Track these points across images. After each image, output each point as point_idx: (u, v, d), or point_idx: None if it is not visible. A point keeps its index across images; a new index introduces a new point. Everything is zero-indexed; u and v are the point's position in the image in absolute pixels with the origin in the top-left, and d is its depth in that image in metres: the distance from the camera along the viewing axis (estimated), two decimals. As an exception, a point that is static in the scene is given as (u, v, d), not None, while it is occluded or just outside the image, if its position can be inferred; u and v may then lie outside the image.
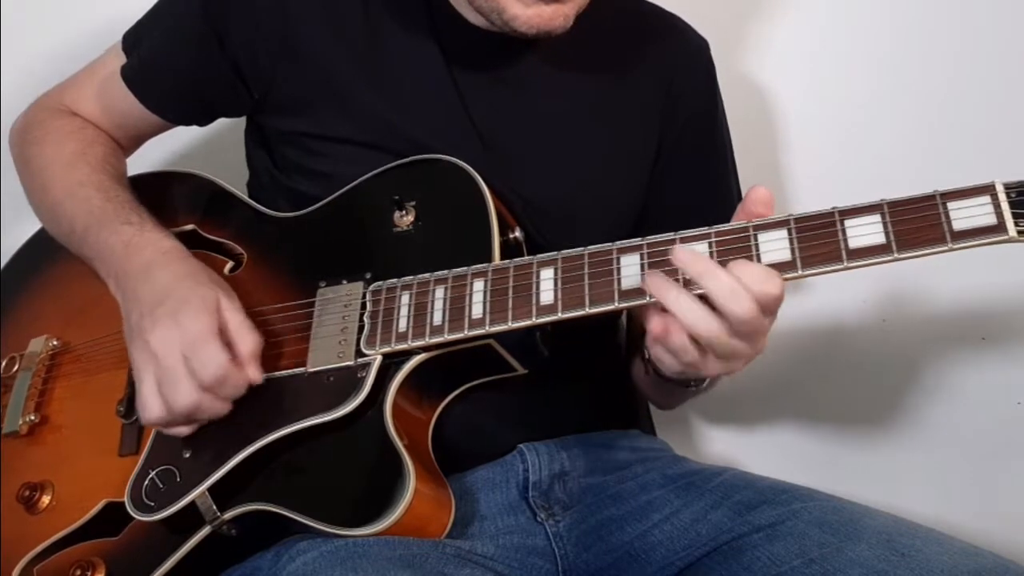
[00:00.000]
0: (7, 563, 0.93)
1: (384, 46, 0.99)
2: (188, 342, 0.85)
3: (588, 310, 0.82)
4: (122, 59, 1.05)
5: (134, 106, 1.05)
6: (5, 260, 1.13)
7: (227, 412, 0.87)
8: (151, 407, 0.86)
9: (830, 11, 1.28)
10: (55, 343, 1.04)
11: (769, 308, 0.77)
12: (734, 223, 0.80)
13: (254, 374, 0.87)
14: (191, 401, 0.85)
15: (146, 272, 0.91)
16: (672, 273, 0.79)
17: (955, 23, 1.25)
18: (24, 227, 1.12)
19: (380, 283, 0.90)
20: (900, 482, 1.27)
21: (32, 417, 1.01)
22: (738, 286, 0.75)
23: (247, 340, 0.87)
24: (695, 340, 0.78)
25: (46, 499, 0.96)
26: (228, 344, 0.86)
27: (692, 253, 0.78)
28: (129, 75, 1.04)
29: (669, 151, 1.05)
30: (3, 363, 1.05)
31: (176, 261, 0.92)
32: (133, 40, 1.06)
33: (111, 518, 0.92)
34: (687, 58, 1.07)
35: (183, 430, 0.89)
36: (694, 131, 1.06)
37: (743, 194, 0.82)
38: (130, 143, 1.11)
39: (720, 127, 1.09)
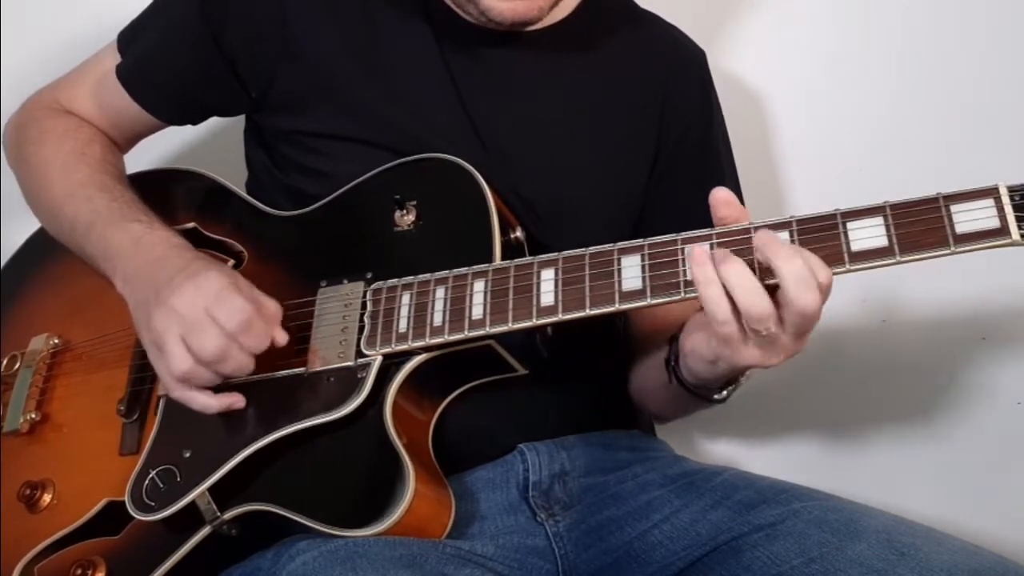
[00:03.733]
0: (8, 562, 0.93)
1: (382, 43, 0.99)
2: (210, 296, 0.85)
3: (588, 312, 0.81)
4: (117, 58, 1.05)
5: (129, 105, 1.05)
6: (5, 259, 1.13)
7: (251, 369, 0.86)
8: (177, 358, 0.85)
9: (830, 12, 1.27)
10: (56, 341, 1.04)
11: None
12: (736, 225, 0.80)
13: (279, 334, 0.87)
14: (218, 346, 0.84)
15: (160, 261, 0.91)
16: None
17: (957, 23, 1.25)
18: (24, 226, 1.12)
19: (381, 283, 0.90)
20: (900, 482, 1.27)
21: (33, 415, 1.01)
22: (809, 274, 0.74)
23: (270, 302, 0.88)
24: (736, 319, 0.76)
25: (47, 498, 0.96)
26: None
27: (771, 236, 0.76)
28: (124, 74, 1.04)
29: (666, 160, 1.05)
30: (4, 361, 1.05)
31: (189, 251, 0.93)
32: (128, 39, 1.05)
33: (112, 517, 0.92)
34: (684, 68, 1.08)
35: (213, 401, 0.87)
36: (691, 140, 1.06)
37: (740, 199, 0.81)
38: (126, 141, 1.10)
39: (717, 136, 1.09)
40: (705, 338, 0.81)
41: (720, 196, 0.80)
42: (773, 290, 0.76)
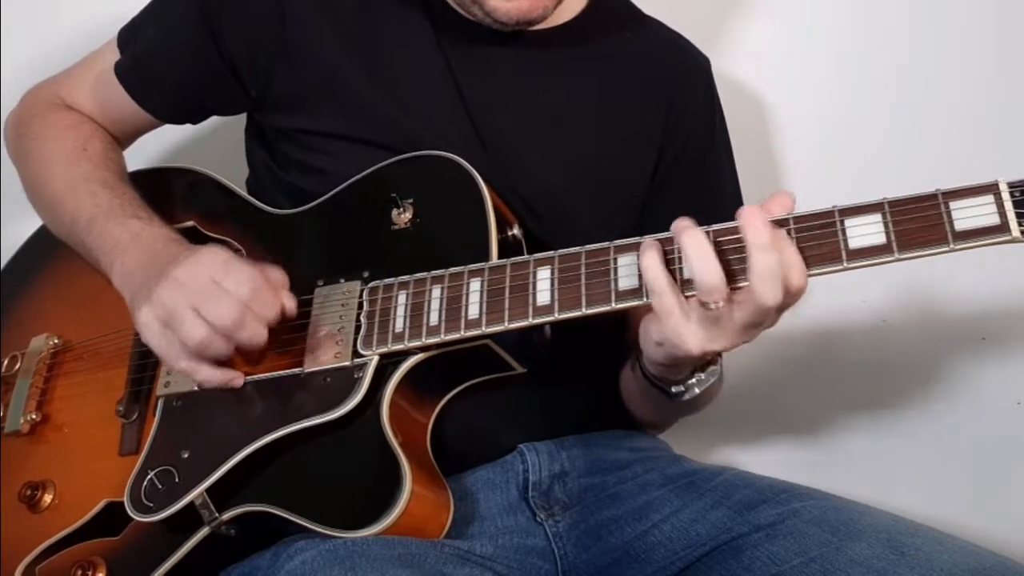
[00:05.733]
0: (9, 563, 0.94)
1: (382, 41, 0.99)
2: (216, 268, 0.85)
3: (584, 311, 0.81)
4: (117, 55, 1.05)
5: (128, 103, 1.05)
6: (5, 258, 1.14)
7: (265, 337, 0.86)
8: (191, 326, 0.84)
9: (829, 14, 1.27)
10: (56, 341, 1.05)
11: (787, 300, 0.76)
12: (732, 223, 0.79)
13: (288, 301, 0.87)
14: (234, 313, 0.83)
15: (158, 252, 0.91)
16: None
17: (956, 22, 1.25)
18: (24, 226, 1.12)
19: (377, 282, 0.90)
20: (900, 482, 1.26)
21: (33, 416, 1.01)
22: (778, 271, 0.74)
23: (275, 271, 0.88)
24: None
25: (48, 498, 0.97)
26: None
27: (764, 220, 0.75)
28: (123, 73, 1.04)
29: (668, 165, 1.05)
30: (4, 362, 1.05)
31: (185, 242, 0.93)
32: (128, 37, 1.06)
33: (111, 518, 0.92)
34: (689, 75, 1.08)
35: (216, 375, 0.87)
36: (694, 147, 1.06)
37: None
38: (126, 138, 1.11)
39: (720, 144, 1.09)
40: (653, 318, 0.81)
41: (782, 201, 0.78)
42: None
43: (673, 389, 0.91)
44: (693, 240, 0.76)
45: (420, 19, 1.00)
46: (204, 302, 0.84)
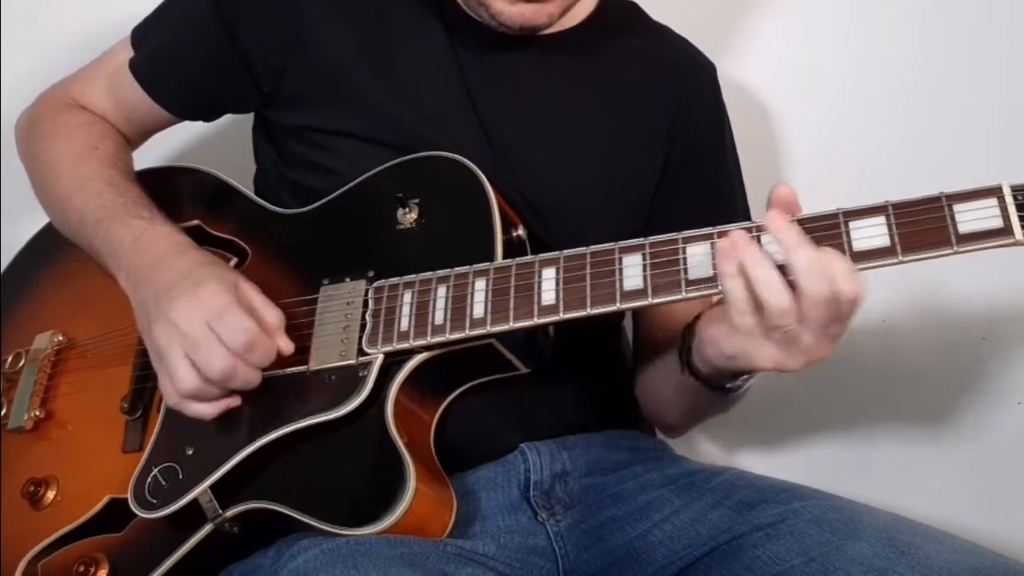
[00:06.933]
0: (11, 559, 0.94)
1: (394, 41, 1.00)
2: (213, 313, 0.84)
3: (589, 311, 0.81)
4: (131, 53, 1.05)
5: (143, 100, 1.05)
6: (6, 259, 1.13)
7: (259, 382, 0.86)
8: (183, 376, 0.84)
9: (834, 15, 1.27)
10: (60, 338, 1.04)
11: (843, 307, 0.75)
12: (738, 224, 0.80)
13: (284, 344, 0.87)
14: (226, 365, 0.83)
15: (160, 261, 0.91)
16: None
17: (959, 24, 1.25)
18: (25, 226, 1.12)
19: (383, 281, 0.90)
20: (900, 481, 1.26)
21: (37, 412, 1.01)
22: (821, 266, 0.73)
23: (271, 312, 0.87)
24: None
25: (50, 495, 0.97)
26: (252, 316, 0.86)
27: (786, 222, 0.75)
28: (137, 69, 1.04)
29: (675, 172, 1.05)
30: (8, 358, 1.05)
31: (190, 251, 0.92)
32: (143, 34, 1.06)
33: (115, 514, 0.93)
34: (696, 80, 1.08)
35: (209, 409, 0.87)
36: (700, 154, 1.06)
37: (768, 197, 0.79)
38: (137, 137, 1.11)
39: (726, 150, 1.09)
40: (727, 331, 0.80)
41: (781, 194, 0.78)
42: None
43: (728, 384, 0.89)
44: (759, 265, 0.74)
45: (433, 21, 1.00)
46: (196, 350, 0.84)
